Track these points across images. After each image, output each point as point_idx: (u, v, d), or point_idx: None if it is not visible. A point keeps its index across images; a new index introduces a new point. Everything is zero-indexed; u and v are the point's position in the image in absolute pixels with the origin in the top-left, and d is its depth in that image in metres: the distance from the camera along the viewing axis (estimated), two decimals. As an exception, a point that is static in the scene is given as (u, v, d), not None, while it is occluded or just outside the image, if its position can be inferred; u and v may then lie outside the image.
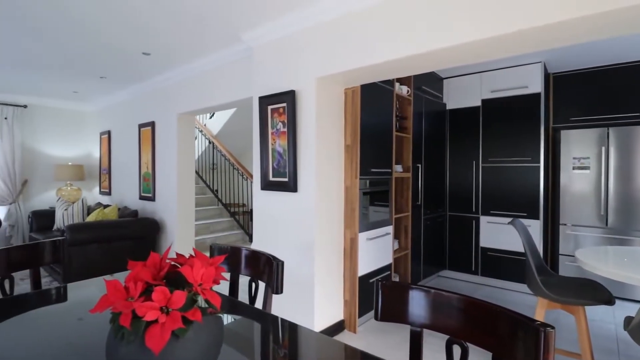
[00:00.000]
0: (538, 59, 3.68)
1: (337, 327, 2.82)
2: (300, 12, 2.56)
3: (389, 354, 2.51)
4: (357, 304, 2.83)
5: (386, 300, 1.09)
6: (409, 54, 2.12)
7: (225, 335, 1.09)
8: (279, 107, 2.77)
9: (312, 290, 2.62)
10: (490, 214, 4.00)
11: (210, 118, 6.68)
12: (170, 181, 4.35)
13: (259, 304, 2.75)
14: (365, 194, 2.92)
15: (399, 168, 3.46)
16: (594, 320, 3.11)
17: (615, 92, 3.74)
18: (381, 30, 2.23)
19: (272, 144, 2.84)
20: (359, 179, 2.82)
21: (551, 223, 4.09)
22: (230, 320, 1.23)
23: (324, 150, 2.68)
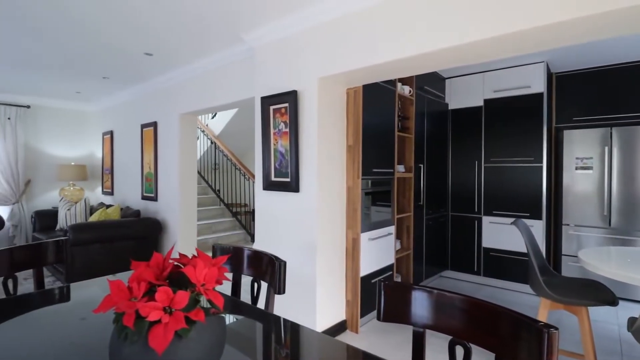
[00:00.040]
0: (541, 59, 3.67)
1: (339, 327, 2.82)
2: (301, 12, 2.56)
3: (391, 355, 2.51)
4: (359, 304, 2.83)
5: (389, 301, 1.09)
6: (411, 54, 2.12)
7: (228, 335, 1.09)
8: (281, 107, 2.77)
9: (314, 291, 2.63)
10: (493, 214, 4.00)
11: (213, 118, 6.69)
12: (172, 181, 4.36)
13: (261, 304, 2.75)
14: (367, 194, 2.91)
15: (401, 168, 3.45)
16: (597, 321, 3.10)
17: (618, 92, 3.72)
18: (383, 30, 2.23)
19: (274, 144, 2.84)
20: (361, 179, 2.82)
21: (554, 223, 4.08)
22: (233, 320, 1.23)
23: (325, 151, 2.68)
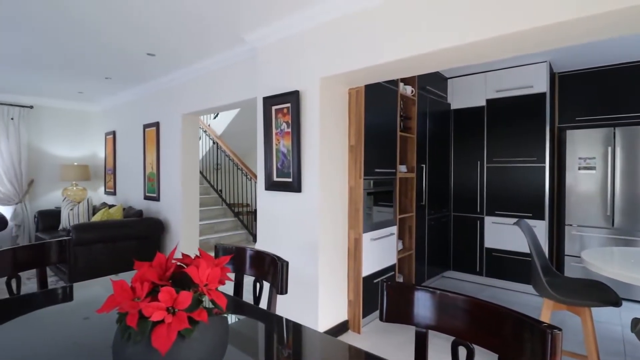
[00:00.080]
0: (543, 59, 3.65)
1: (341, 328, 2.82)
2: (303, 13, 2.56)
3: (393, 355, 2.51)
4: (362, 305, 2.82)
5: (391, 301, 1.08)
6: (412, 54, 2.11)
7: (230, 335, 1.09)
8: (283, 108, 2.78)
9: (316, 291, 2.63)
10: (495, 215, 3.99)
11: (215, 118, 6.70)
12: (174, 181, 4.37)
13: (263, 304, 2.76)
14: (369, 194, 2.91)
15: (403, 168, 3.45)
16: (600, 321, 3.08)
17: (621, 92, 3.71)
18: (384, 31, 2.23)
19: (276, 144, 2.85)
20: (363, 179, 2.81)
21: (557, 224, 4.06)
22: (235, 320, 1.23)
23: (327, 151, 2.68)
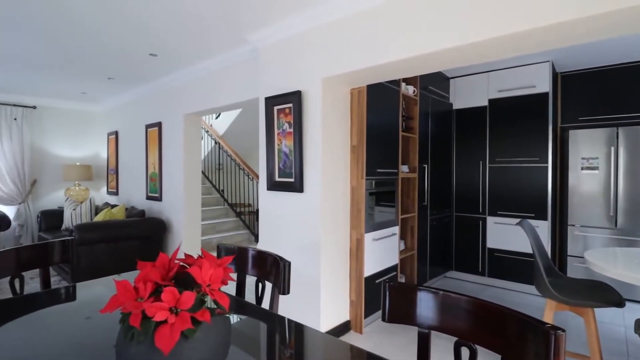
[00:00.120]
0: (546, 59, 3.64)
1: (343, 328, 2.82)
2: (305, 13, 2.56)
3: (395, 356, 2.50)
4: (364, 305, 2.82)
5: (393, 302, 1.08)
6: (413, 54, 2.11)
7: (233, 335, 1.09)
8: (285, 108, 2.78)
9: (318, 291, 2.63)
10: (498, 215, 3.97)
11: (217, 118, 6.71)
12: (176, 181, 4.38)
13: (265, 304, 2.76)
14: (371, 194, 2.91)
15: (405, 168, 3.45)
16: (603, 322, 3.07)
17: (624, 92, 3.69)
18: (385, 31, 2.23)
19: (278, 145, 2.85)
20: (365, 179, 2.81)
21: (559, 224, 4.05)
22: (237, 320, 1.23)
23: (329, 151, 2.68)
